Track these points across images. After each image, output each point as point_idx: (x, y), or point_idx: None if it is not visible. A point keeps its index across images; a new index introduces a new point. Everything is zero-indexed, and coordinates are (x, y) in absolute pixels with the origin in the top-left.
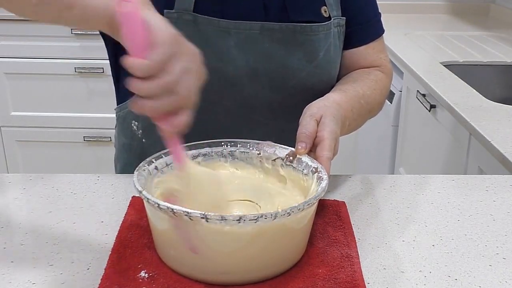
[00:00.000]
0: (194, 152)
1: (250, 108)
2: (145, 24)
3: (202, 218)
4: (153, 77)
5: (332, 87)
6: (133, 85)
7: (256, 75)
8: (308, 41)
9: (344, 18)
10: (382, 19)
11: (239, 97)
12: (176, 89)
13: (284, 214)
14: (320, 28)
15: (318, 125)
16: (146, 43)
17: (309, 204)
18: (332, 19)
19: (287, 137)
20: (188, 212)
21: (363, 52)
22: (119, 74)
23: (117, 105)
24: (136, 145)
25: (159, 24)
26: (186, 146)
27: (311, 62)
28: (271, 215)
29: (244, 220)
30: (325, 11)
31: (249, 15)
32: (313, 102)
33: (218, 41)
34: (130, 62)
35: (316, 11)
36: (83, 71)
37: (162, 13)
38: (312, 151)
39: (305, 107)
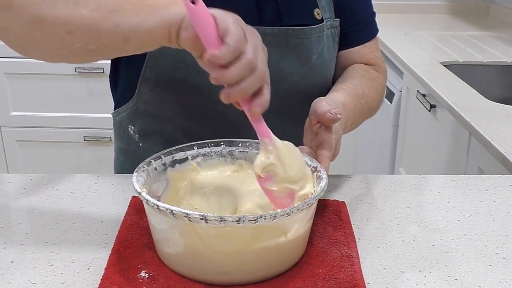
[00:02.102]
0: (193, 152)
1: (245, 113)
2: (212, 15)
3: (201, 219)
4: (233, 62)
5: (328, 89)
6: (219, 76)
7: None
8: (300, 44)
9: (338, 19)
10: (382, 19)
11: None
12: (257, 65)
13: (283, 214)
14: (312, 31)
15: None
16: (218, 33)
17: (308, 204)
18: (325, 21)
19: (282, 139)
20: (187, 214)
21: (359, 52)
22: (117, 79)
23: (114, 109)
24: (133, 150)
25: (219, 13)
26: (186, 146)
27: (304, 65)
28: (271, 215)
29: (244, 221)
30: (318, 14)
31: (243, 19)
32: (320, 97)
33: None
34: (212, 54)
35: (309, 14)
36: (83, 71)
37: None
38: (312, 148)
39: (299, 109)
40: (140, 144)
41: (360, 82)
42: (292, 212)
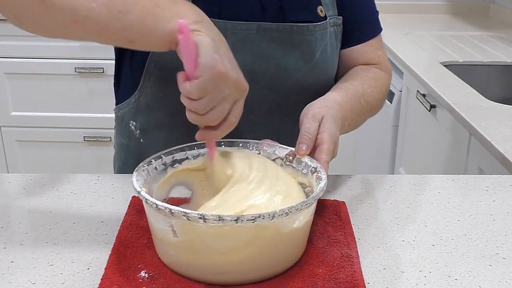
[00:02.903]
0: (194, 152)
1: (248, 109)
2: (196, 51)
3: (200, 218)
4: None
5: (330, 87)
6: (182, 98)
7: (253, 76)
8: (304, 41)
9: (341, 17)
10: (382, 19)
11: None
12: (205, 113)
13: (282, 214)
14: (316, 28)
15: (319, 126)
16: (194, 69)
17: (307, 204)
18: (328, 18)
19: (285, 137)
20: (186, 213)
21: (361, 50)
22: (121, 74)
23: (116, 105)
24: (134, 145)
25: (207, 56)
26: (186, 146)
27: (308, 62)
28: (269, 215)
29: (242, 220)
30: (321, 11)
31: (246, 15)
32: (314, 102)
33: None
34: (179, 78)
35: (312, 11)
36: (83, 71)
37: None
38: (311, 152)
39: (302, 107)
40: (141, 140)
41: (361, 82)
42: (291, 212)
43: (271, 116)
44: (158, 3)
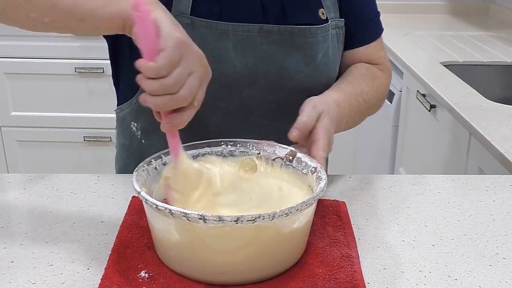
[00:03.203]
0: (194, 151)
1: (248, 110)
2: (155, 27)
3: (199, 219)
4: (154, 79)
5: None
6: (140, 80)
7: (254, 77)
8: (306, 43)
9: (343, 19)
10: (382, 19)
11: (237, 98)
12: (177, 91)
13: (282, 215)
14: (318, 30)
15: (317, 120)
16: (155, 46)
17: (307, 204)
18: (330, 21)
19: (285, 138)
20: (186, 213)
21: (364, 52)
22: (119, 75)
23: (117, 106)
24: (135, 146)
25: (168, 28)
26: (186, 146)
27: (309, 64)
28: (269, 215)
29: (242, 221)
30: (323, 14)
31: (247, 17)
32: (313, 97)
33: (216, 43)
34: (140, 64)
35: (314, 14)
36: (83, 71)
37: None
38: (304, 147)
39: None
40: (143, 141)
41: (359, 80)
42: (291, 212)
43: (272, 117)
44: None
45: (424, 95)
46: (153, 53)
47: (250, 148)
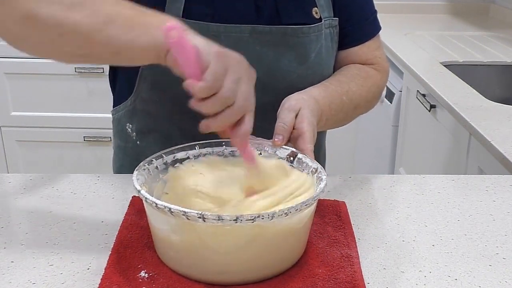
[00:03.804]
0: (195, 152)
1: None
2: (194, 49)
3: (199, 217)
4: (210, 97)
5: None
6: (196, 106)
7: None
8: (298, 43)
9: (337, 18)
10: (382, 19)
11: None
12: (233, 100)
13: (281, 214)
14: (311, 30)
15: (296, 117)
16: (199, 66)
17: (307, 205)
18: (323, 20)
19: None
20: (185, 212)
21: (358, 52)
22: (116, 77)
23: (113, 107)
24: (131, 147)
25: (203, 44)
26: (186, 146)
27: (302, 64)
28: (269, 215)
29: (241, 220)
30: (316, 13)
31: (241, 17)
32: (291, 95)
33: None
34: (191, 86)
35: (308, 13)
36: (83, 71)
37: None
38: (290, 141)
39: None
40: (138, 142)
41: (348, 80)
42: (291, 212)
43: (266, 118)
44: (141, 12)
45: (424, 95)
46: (198, 74)
47: (251, 148)
